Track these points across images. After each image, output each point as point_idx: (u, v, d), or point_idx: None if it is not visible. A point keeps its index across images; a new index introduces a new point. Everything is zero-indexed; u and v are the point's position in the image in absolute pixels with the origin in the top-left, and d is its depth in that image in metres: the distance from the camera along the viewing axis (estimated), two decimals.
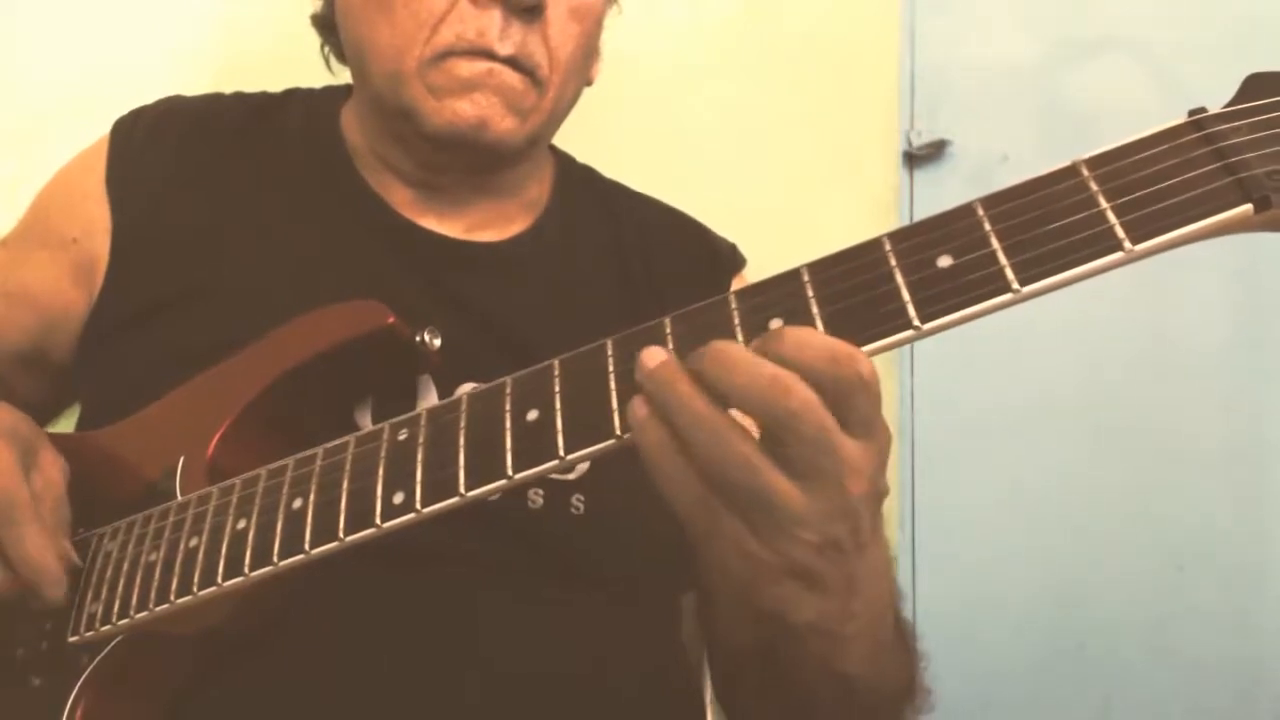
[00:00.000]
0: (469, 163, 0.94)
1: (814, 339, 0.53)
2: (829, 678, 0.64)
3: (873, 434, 0.55)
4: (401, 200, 0.96)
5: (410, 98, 0.88)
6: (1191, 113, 0.52)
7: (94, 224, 0.94)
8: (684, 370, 0.55)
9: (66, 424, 1.01)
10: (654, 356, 0.56)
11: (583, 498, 0.85)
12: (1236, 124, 0.50)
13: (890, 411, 1.48)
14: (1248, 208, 0.49)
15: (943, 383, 1.53)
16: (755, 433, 0.55)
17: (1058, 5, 1.63)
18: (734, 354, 0.54)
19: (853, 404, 0.53)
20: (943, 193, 1.56)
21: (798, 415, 0.52)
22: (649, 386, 0.55)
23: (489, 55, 0.87)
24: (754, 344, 0.55)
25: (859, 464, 0.55)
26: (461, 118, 0.87)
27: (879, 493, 0.58)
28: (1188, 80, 1.52)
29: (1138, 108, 1.52)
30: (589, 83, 1.01)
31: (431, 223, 0.95)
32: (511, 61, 0.88)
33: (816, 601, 0.58)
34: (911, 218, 1.55)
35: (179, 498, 0.76)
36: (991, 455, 1.52)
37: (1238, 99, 0.52)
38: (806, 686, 0.65)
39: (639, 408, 0.56)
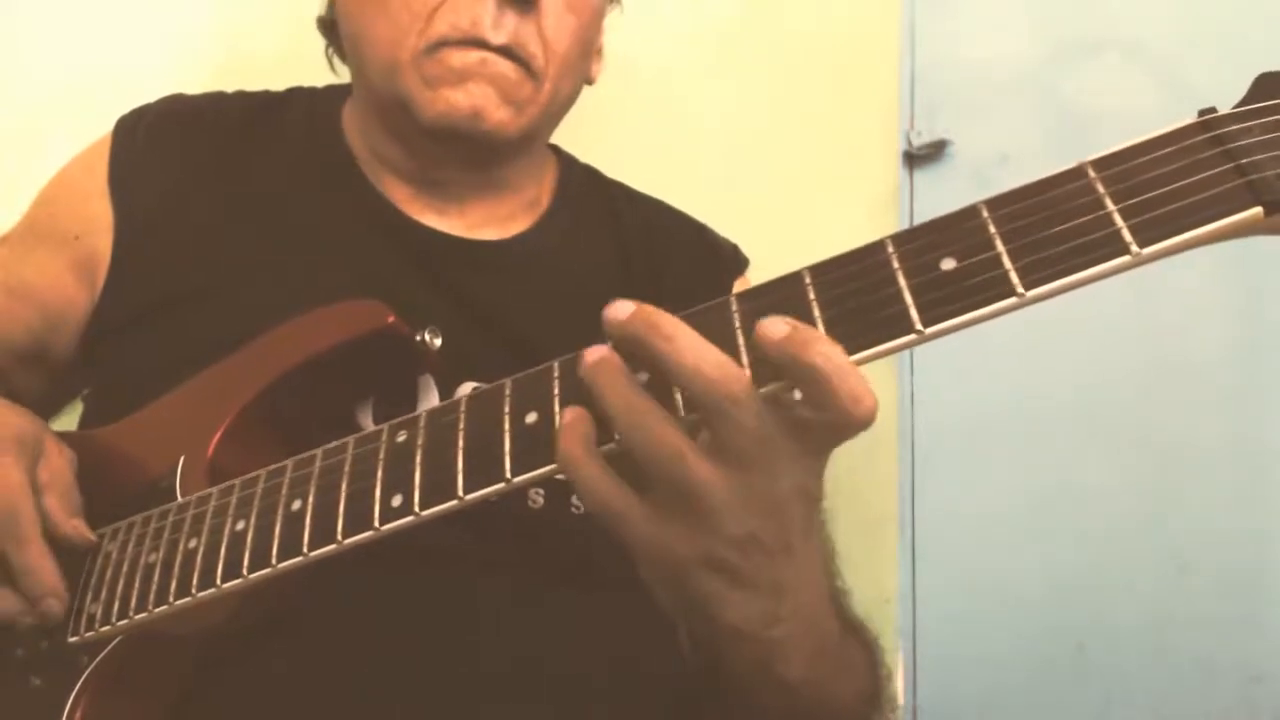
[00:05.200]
0: (465, 155, 0.93)
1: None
2: (769, 683, 0.63)
3: (807, 437, 0.55)
4: (402, 198, 0.96)
5: (405, 88, 0.89)
6: (1201, 113, 0.50)
7: (96, 222, 0.94)
8: (622, 364, 0.56)
9: (67, 421, 1.01)
10: (595, 352, 0.57)
11: None
12: (1247, 124, 0.49)
13: (890, 413, 1.48)
14: (1258, 210, 0.48)
15: (943, 383, 1.52)
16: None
17: (1058, 5, 1.63)
18: (683, 336, 0.54)
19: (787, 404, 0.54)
20: (943, 193, 1.56)
21: (739, 402, 0.53)
22: (586, 376, 0.56)
23: (482, 44, 0.88)
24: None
25: (793, 461, 0.55)
26: (455, 108, 0.88)
27: (812, 496, 0.58)
28: (1188, 80, 1.52)
29: (1138, 108, 1.52)
30: (590, 81, 1.00)
31: (433, 220, 0.95)
32: (505, 51, 0.88)
33: (741, 601, 0.58)
34: (911, 218, 1.55)
35: (179, 498, 0.76)
36: (991, 456, 1.51)
37: (1248, 99, 0.50)
38: (750, 692, 0.65)
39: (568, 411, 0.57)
